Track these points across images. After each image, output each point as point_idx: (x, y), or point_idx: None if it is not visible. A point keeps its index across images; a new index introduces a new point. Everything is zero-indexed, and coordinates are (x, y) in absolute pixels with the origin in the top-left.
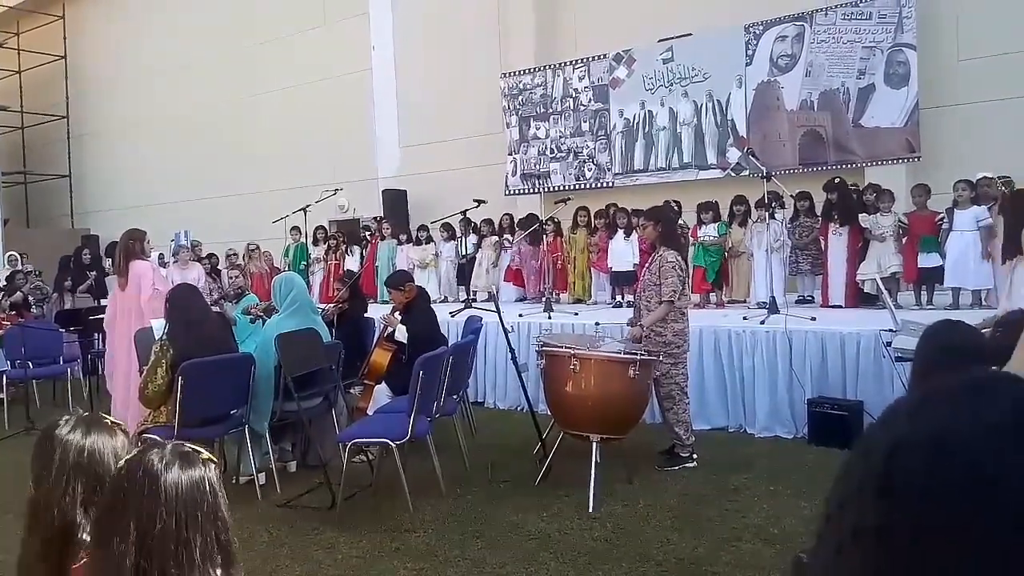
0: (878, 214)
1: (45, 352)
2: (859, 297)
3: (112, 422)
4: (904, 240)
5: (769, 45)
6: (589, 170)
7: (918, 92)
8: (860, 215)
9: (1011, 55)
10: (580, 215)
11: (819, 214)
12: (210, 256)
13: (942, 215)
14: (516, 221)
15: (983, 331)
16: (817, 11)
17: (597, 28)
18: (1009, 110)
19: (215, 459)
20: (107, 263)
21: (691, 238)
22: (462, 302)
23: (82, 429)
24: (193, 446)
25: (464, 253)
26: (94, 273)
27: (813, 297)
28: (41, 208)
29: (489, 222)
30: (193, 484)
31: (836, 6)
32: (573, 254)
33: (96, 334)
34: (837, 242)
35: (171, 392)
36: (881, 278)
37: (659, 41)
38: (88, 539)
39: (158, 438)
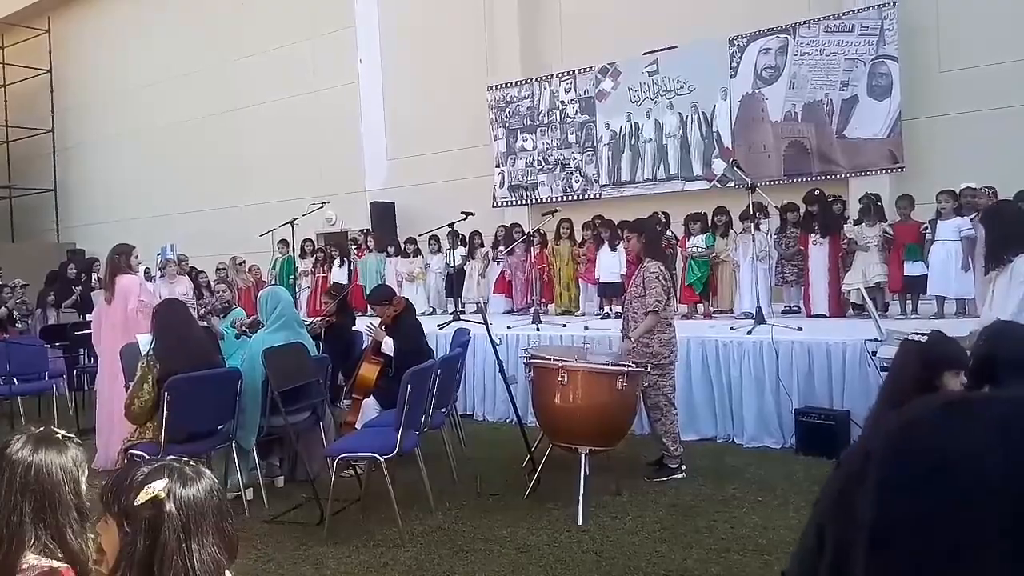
0: (863, 224)
1: (30, 368)
2: (843, 306)
3: (63, 436)
4: (889, 250)
5: (753, 57)
6: (576, 182)
7: (900, 103)
8: (845, 226)
9: (992, 66)
10: (563, 227)
11: (802, 224)
12: (193, 270)
13: (926, 225)
14: (504, 232)
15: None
16: (800, 24)
17: (583, 41)
18: (991, 120)
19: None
20: (95, 277)
21: (680, 249)
22: (450, 314)
23: (31, 446)
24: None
25: (452, 265)
26: (79, 288)
27: (799, 307)
28: (26, 222)
29: (478, 234)
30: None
31: (819, 19)
32: (558, 266)
33: (81, 349)
34: (818, 252)
35: (157, 408)
36: (866, 288)
37: (644, 54)
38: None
39: (145, 454)
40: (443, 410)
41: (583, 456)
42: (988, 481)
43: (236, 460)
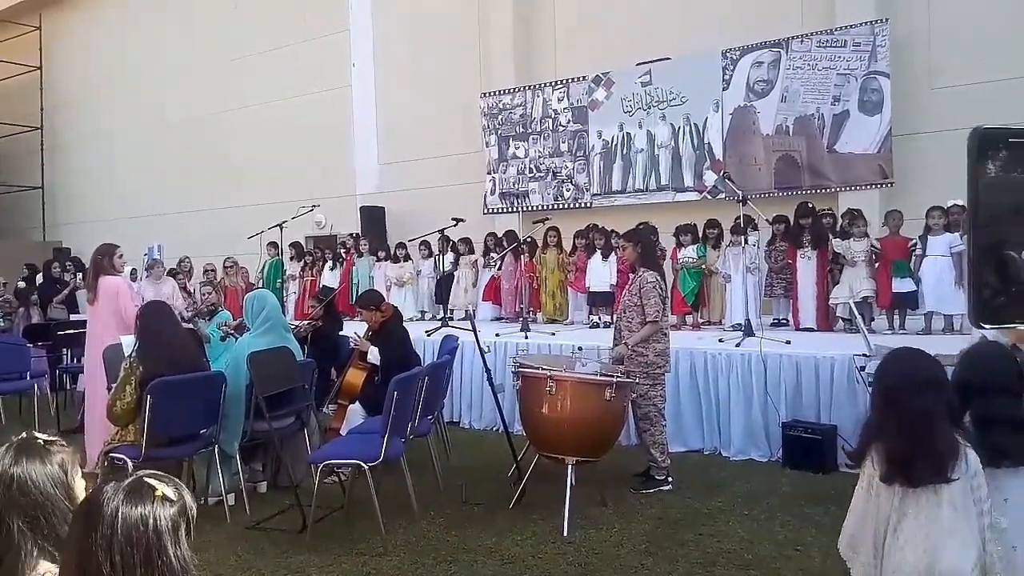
0: (851, 239)
1: (11, 367)
2: (831, 320)
3: (45, 442)
4: (876, 265)
5: (746, 70)
6: (567, 190)
7: (891, 119)
8: (834, 240)
9: (982, 84)
10: (551, 235)
11: (789, 238)
12: (174, 272)
13: (914, 241)
14: (495, 240)
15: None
16: (793, 38)
17: (576, 50)
18: None
19: (172, 498)
20: (78, 277)
21: (670, 260)
22: (439, 320)
23: (12, 457)
24: (152, 481)
25: (442, 269)
26: (70, 284)
27: (787, 320)
28: (12, 220)
29: (466, 241)
30: (136, 522)
31: (812, 33)
32: (544, 274)
33: (65, 349)
34: (806, 266)
35: (140, 410)
36: (854, 303)
37: (637, 64)
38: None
39: (126, 458)
40: (429, 418)
41: (569, 467)
42: None
43: (219, 465)
